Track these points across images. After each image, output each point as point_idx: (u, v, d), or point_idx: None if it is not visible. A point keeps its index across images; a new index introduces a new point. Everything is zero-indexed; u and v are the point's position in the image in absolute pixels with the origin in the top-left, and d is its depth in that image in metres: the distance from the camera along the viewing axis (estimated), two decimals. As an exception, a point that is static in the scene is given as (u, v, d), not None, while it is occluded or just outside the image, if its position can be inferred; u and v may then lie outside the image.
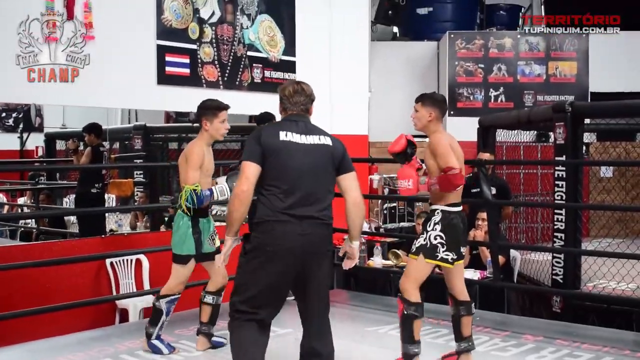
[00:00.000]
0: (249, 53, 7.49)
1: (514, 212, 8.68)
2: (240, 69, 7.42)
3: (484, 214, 6.32)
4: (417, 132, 4.44)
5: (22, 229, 8.55)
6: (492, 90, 10.73)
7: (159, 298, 4.56)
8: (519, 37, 10.84)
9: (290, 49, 7.92)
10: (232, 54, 7.32)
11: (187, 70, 6.89)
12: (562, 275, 6.16)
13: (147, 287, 6.26)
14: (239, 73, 7.40)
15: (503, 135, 8.83)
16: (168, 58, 6.71)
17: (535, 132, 9.63)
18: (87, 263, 5.97)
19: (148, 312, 6.17)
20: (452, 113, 10.61)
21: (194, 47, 6.95)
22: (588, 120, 7.35)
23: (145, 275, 6.31)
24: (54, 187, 9.13)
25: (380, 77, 10.49)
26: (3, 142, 9.66)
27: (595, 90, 10.62)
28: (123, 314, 6.16)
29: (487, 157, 6.84)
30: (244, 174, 3.44)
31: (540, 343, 4.81)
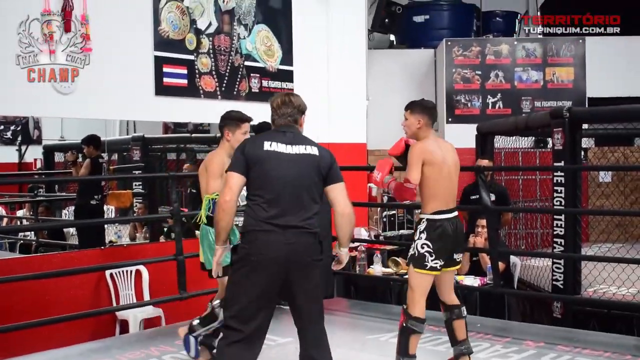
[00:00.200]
0: (247, 63, 7.51)
1: (514, 218, 8.68)
2: (238, 79, 7.43)
3: (484, 221, 6.32)
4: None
5: (21, 242, 8.53)
6: (489, 97, 10.73)
7: (222, 306, 4.46)
8: (516, 43, 10.86)
9: (288, 59, 7.94)
10: (229, 64, 7.33)
11: (184, 81, 6.91)
12: (562, 281, 6.15)
13: (147, 297, 6.25)
14: (237, 83, 7.42)
15: (501, 142, 8.85)
16: (165, 69, 6.73)
17: (533, 138, 9.65)
18: (86, 275, 5.96)
19: (148, 322, 6.19)
20: (450, 120, 10.63)
21: (192, 57, 6.97)
22: (586, 126, 7.37)
23: (145, 286, 6.30)
24: (53, 199, 9.12)
25: (378, 85, 10.51)
26: (1, 154, 9.64)
27: (593, 96, 10.63)
28: (123, 325, 6.14)
29: (485, 163, 6.85)
30: (227, 184, 3.49)
31: (542, 349, 4.81)
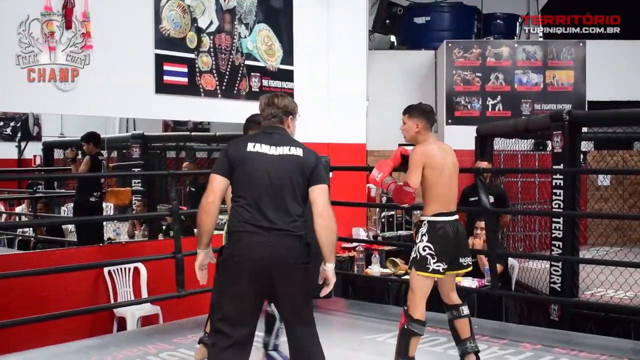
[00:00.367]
0: (247, 62, 7.51)
1: (512, 220, 8.69)
2: (238, 78, 7.43)
3: (482, 223, 6.34)
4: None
5: (19, 238, 8.53)
6: (489, 99, 10.74)
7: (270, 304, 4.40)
8: (516, 46, 10.86)
9: (288, 58, 7.94)
10: (230, 63, 7.33)
11: (185, 80, 6.90)
12: (560, 284, 6.15)
13: (144, 295, 6.26)
14: (237, 82, 7.42)
15: (501, 144, 8.85)
16: (166, 67, 6.73)
17: (533, 140, 9.66)
18: (85, 271, 5.97)
19: (146, 320, 6.19)
20: (449, 122, 10.63)
21: (192, 56, 6.97)
22: (585, 129, 7.37)
23: (143, 284, 6.31)
24: (52, 195, 9.12)
25: (378, 85, 10.51)
26: (1, 151, 9.64)
27: (593, 99, 10.64)
28: (121, 323, 6.14)
29: (484, 165, 6.85)
30: (210, 186, 3.47)
31: (539, 351, 4.81)
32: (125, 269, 6.23)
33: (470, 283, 6.29)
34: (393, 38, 12.43)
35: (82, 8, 5.93)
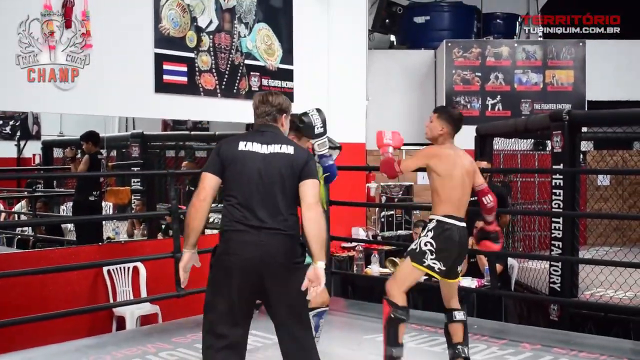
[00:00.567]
0: (247, 61, 7.51)
1: (512, 220, 8.68)
2: (238, 77, 7.43)
3: (482, 223, 6.32)
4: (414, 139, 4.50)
5: (19, 237, 8.53)
6: (489, 99, 10.73)
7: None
8: (516, 45, 10.86)
9: (288, 58, 7.94)
10: (229, 63, 7.33)
11: (184, 79, 6.90)
12: (559, 284, 6.15)
13: (144, 294, 6.25)
14: (237, 81, 7.41)
15: (500, 144, 8.84)
16: (166, 66, 6.72)
17: (533, 140, 9.65)
18: (84, 271, 5.96)
19: (145, 319, 6.18)
20: (449, 121, 10.61)
21: (192, 55, 6.96)
22: (585, 129, 7.36)
23: (142, 283, 6.30)
24: (51, 194, 9.12)
25: (378, 85, 10.51)
26: (0, 149, 9.66)
27: (593, 99, 10.64)
28: (120, 322, 6.14)
29: (484, 165, 6.84)
30: (202, 184, 3.43)
31: (538, 351, 4.81)
32: (125, 268, 6.22)
33: (470, 283, 6.29)
34: (393, 37, 12.43)
35: (81, 7, 5.92)
